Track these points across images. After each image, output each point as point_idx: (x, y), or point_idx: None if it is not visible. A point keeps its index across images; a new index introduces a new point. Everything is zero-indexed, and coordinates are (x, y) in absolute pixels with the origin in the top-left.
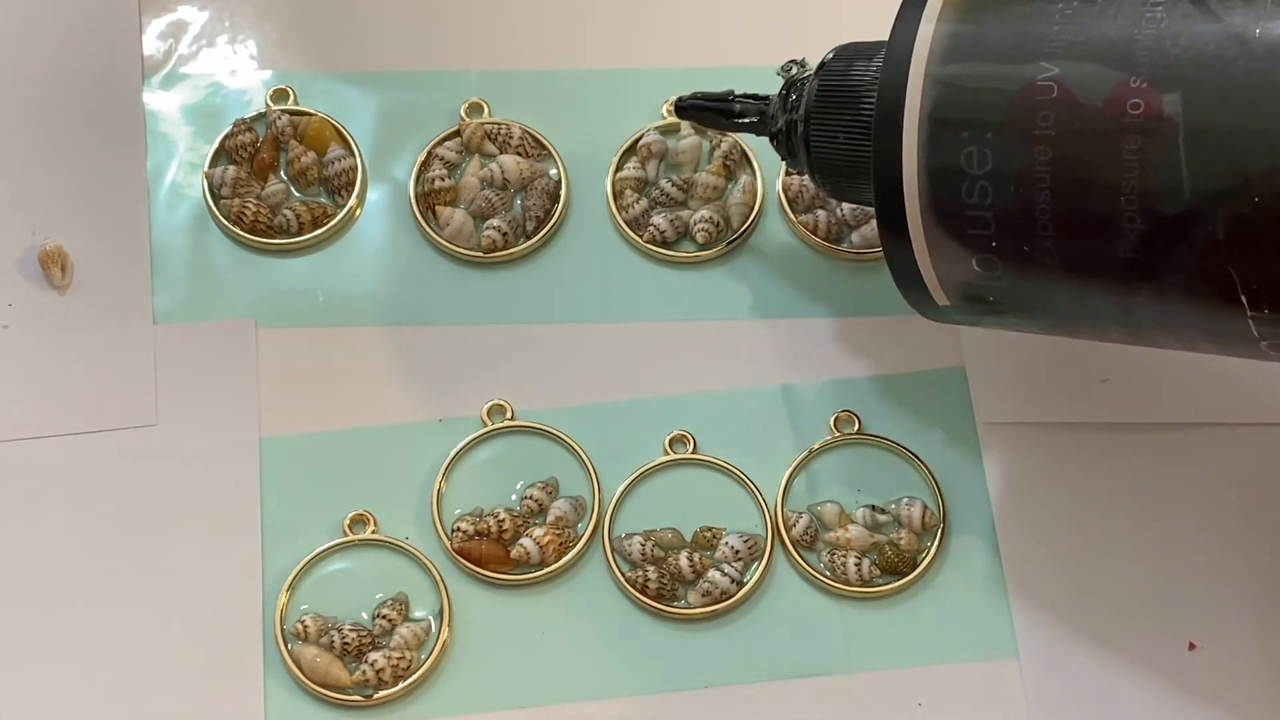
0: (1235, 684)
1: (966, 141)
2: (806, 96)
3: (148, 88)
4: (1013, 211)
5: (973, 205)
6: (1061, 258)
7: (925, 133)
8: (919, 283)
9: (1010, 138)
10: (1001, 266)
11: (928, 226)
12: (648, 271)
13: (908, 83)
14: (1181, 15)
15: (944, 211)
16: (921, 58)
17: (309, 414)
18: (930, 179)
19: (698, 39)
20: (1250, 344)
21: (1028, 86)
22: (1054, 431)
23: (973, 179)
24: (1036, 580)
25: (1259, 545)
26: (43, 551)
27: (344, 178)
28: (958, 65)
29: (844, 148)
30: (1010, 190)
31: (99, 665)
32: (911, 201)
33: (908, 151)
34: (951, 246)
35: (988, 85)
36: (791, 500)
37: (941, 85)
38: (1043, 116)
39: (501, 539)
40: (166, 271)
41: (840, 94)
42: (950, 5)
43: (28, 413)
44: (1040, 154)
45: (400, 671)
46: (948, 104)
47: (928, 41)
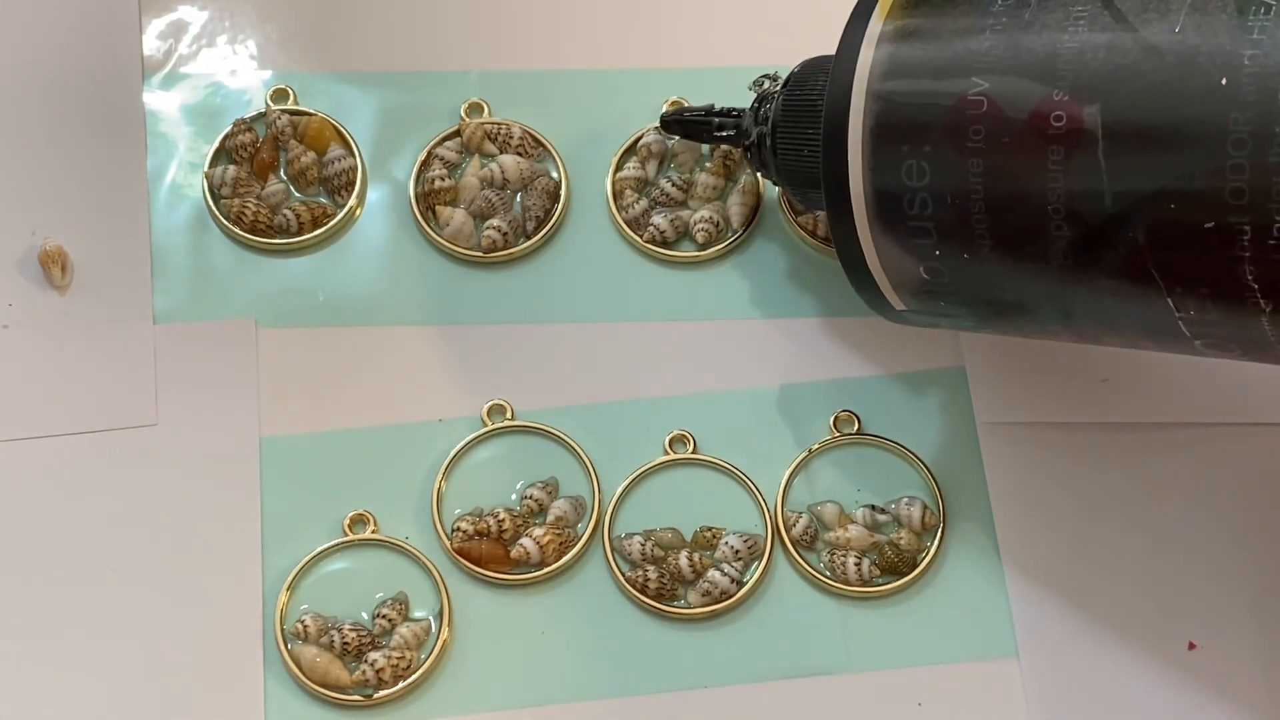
0: (1235, 684)
1: (906, 155)
2: (774, 110)
3: (148, 88)
4: (952, 222)
5: (915, 216)
6: (1000, 265)
7: (869, 148)
8: (875, 289)
9: (945, 151)
10: (946, 274)
11: (876, 236)
12: (648, 271)
13: (850, 99)
14: (1101, 28)
15: (889, 222)
16: (864, 75)
17: (309, 414)
18: (875, 192)
19: (698, 39)
20: (1185, 342)
21: (959, 100)
22: (1054, 431)
23: (914, 191)
24: (1036, 580)
25: (1259, 545)
26: (43, 551)
27: (344, 178)
28: (896, 81)
29: (807, 160)
30: (948, 201)
31: (99, 665)
32: (859, 213)
33: (853, 166)
34: (899, 255)
35: (924, 101)
36: (791, 500)
37: (882, 101)
38: (974, 130)
39: (501, 539)
40: (166, 271)
41: (801, 109)
42: (892, 22)
43: (28, 413)
44: (973, 166)
45: (400, 671)
46: (888, 119)
47: (869, 58)
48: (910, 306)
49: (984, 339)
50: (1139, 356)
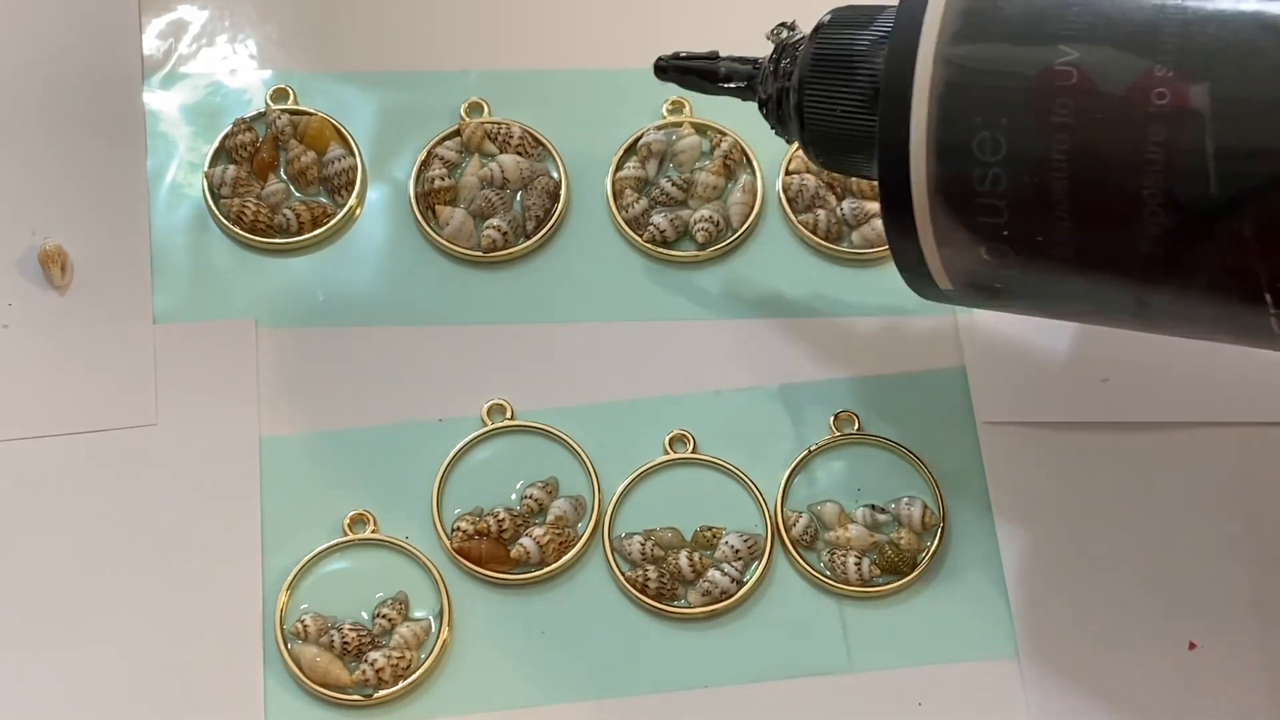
0: (1235, 684)
1: (979, 126)
2: (800, 63)
3: (148, 88)
4: (1027, 201)
5: (984, 193)
6: (1077, 250)
7: (935, 115)
8: (921, 266)
9: (1026, 125)
10: (1013, 255)
11: (935, 212)
12: (648, 271)
13: (916, 60)
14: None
15: (953, 198)
16: (932, 35)
17: (309, 414)
18: (939, 163)
19: (698, 39)
20: (1270, 339)
21: (1045, 71)
22: (1054, 431)
23: (985, 165)
24: (1036, 580)
25: (1259, 545)
26: (43, 551)
27: (344, 177)
28: (971, 45)
29: (841, 119)
30: (1025, 179)
31: (99, 665)
32: (919, 185)
33: (915, 134)
34: (960, 233)
35: (1003, 69)
36: (791, 500)
37: (953, 66)
38: (1061, 103)
39: (501, 539)
40: (166, 271)
41: (838, 62)
42: None
43: (28, 413)
44: (1058, 142)
45: (400, 671)
46: (960, 87)
47: (939, 17)
48: (958, 287)
49: (984, 339)
50: (1139, 356)
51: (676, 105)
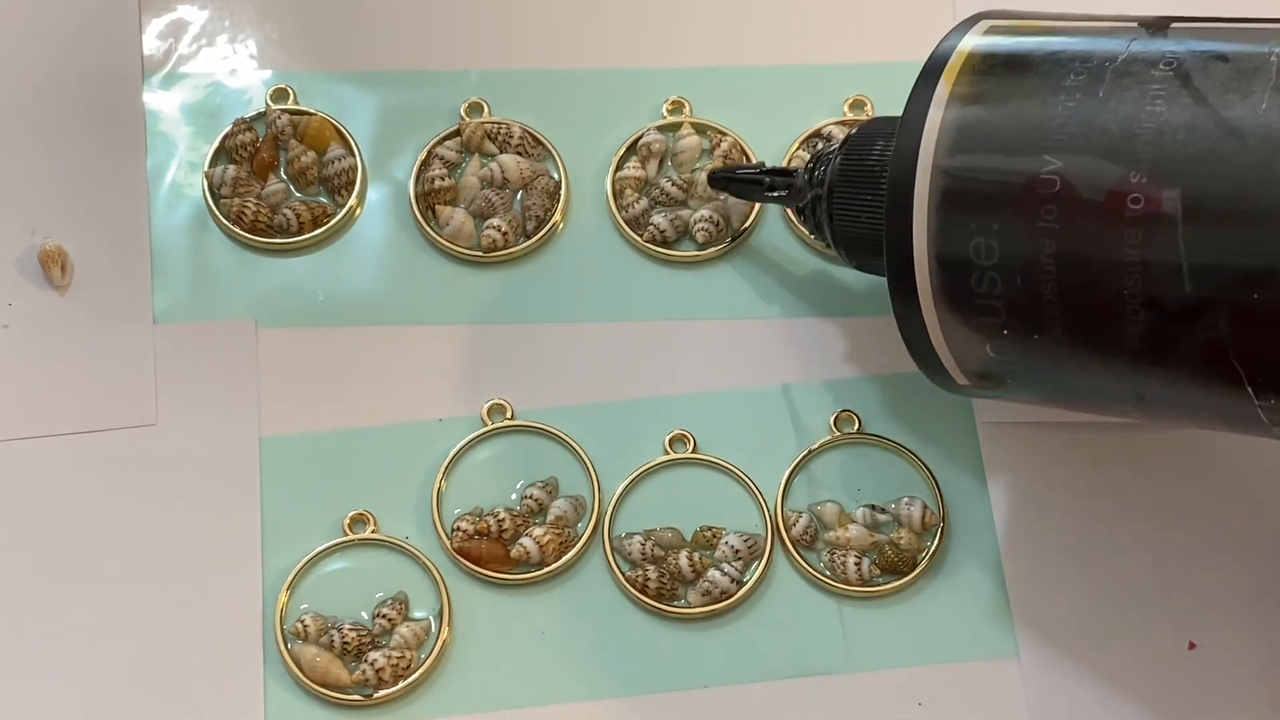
0: (1235, 684)
1: (974, 232)
2: (830, 172)
3: (148, 88)
4: (1021, 301)
5: (983, 294)
6: (1071, 346)
7: (935, 223)
8: (938, 364)
9: (1015, 230)
10: (1015, 353)
11: (940, 312)
12: (648, 271)
13: (916, 172)
14: (1181, 109)
15: (955, 299)
16: (930, 148)
17: (309, 414)
18: (941, 267)
19: (698, 38)
20: (1263, 429)
21: (1031, 179)
22: (1054, 431)
23: (981, 269)
24: (1036, 580)
25: (1259, 545)
26: (43, 551)
27: (344, 177)
28: (965, 157)
29: (865, 226)
30: (1018, 281)
31: (99, 665)
32: (924, 288)
33: (918, 240)
34: (965, 332)
35: (993, 178)
36: (791, 500)
37: (949, 176)
38: (1046, 210)
39: (501, 538)
40: (166, 271)
41: (861, 173)
42: (958, 93)
43: (28, 413)
44: (1045, 246)
45: (400, 671)
46: (955, 195)
47: (935, 130)
48: (973, 383)
49: None
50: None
51: (676, 105)
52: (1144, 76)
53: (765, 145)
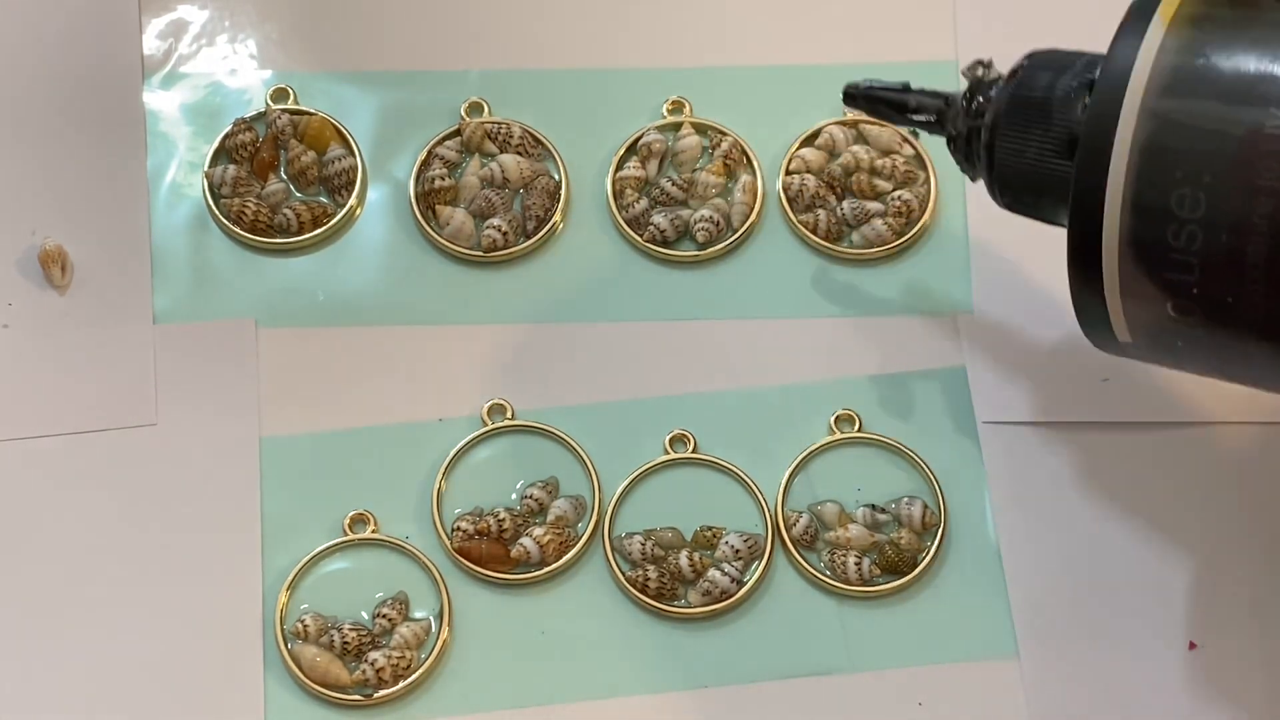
0: (1235, 684)
1: (1180, 183)
2: (995, 103)
3: (148, 88)
4: (1222, 261)
5: (1178, 249)
6: (1268, 314)
7: (1134, 168)
8: (1103, 317)
9: (1229, 185)
10: (1199, 315)
11: (1124, 264)
12: (648, 271)
13: (1120, 112)
14: None
15: (1145, 252)
16: (1139, 87)
17: (309, 414)
18: (1134, 217)
19: (698, 38)
20: None
21: (1253, 133)
22: (1054, 431)
23: (1181, 222)
24: (1036, 580)
25: (1259, 545)
26: (42, 551)
27: (344, 177)
28: (1178, 100)
29: (1032, 163)
30: (1222, 239)
31: (99, 665)
32: (1110, 237)
33: (1113, 184)
34: (1147, 288)
35: (1210, 127)
36: (791, 500)
37: (1159, 120)
38: (1267, 167)
39: (501, 538)
40: (166, 271)
41: (1034, 107)
42: (1175, 33)
43: (28, 413)
44: (1260, 206)
45: (400, 671)
46: (1164, 141)
47: (1147, 70)
48: (1139, 341)
49: (984, 338)
50: None
51: (676, 105)
52: None
53: (765, 145)
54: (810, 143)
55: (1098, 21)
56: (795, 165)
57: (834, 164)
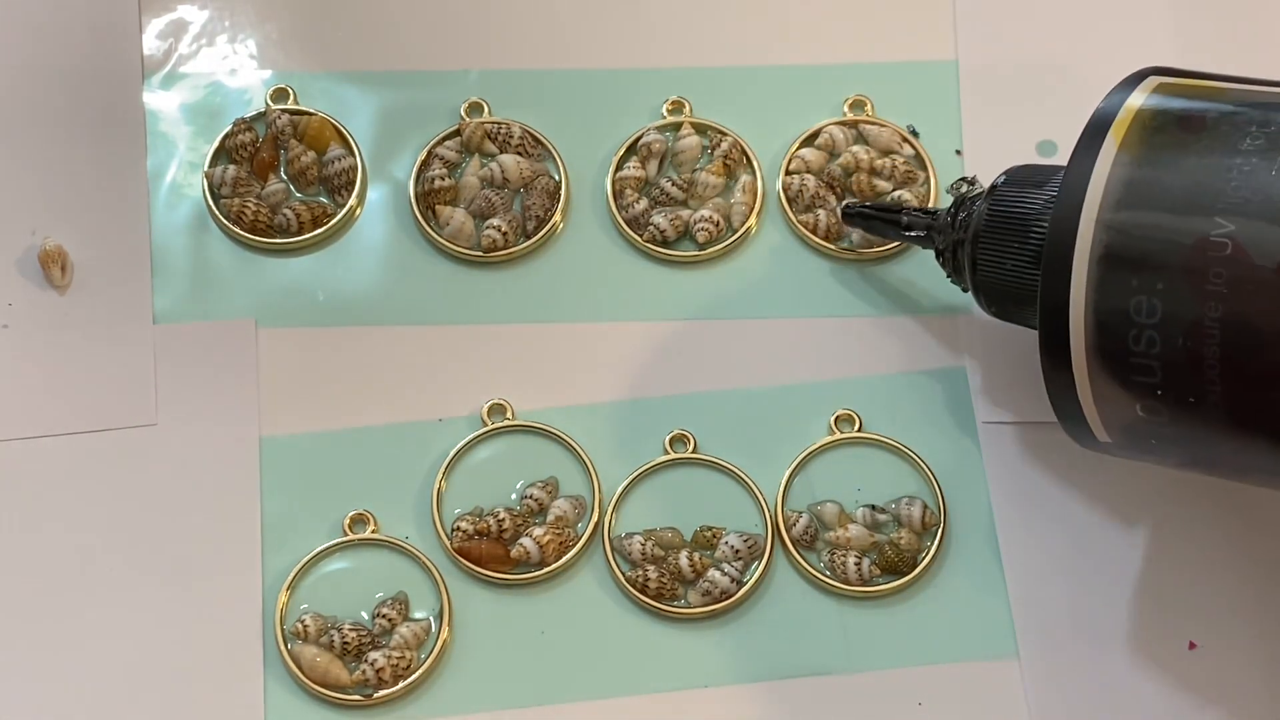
0: (1235, 684)
1: (1136, 290)
2: (975, 219)
3: (148, 88)
4: (1180, 363)
5: (1139, 353)
6: (1229, 412)
7: (1094, 277)
8: (1080, 419)
9: (1181, 291)
10: (1166, 414)
11: (1092, 368)
12: (648, 271)
13: (1079, 225)
14: None
15: (1109, 356)
16: (1095, 201)
17: (309, 414)
18: (1097, 323)
19: (699, 38)
20: None
21: (1201, 241)
22: (1054, 431)
23: (1140, 327)
24: (1036, 580)
25: (1259, 545)
26: (42, 551)
27: (344, 177)
28: (1131, 213)
29: (1011, 274)
30: (1179, 342)
31: (98, 665)
32: (1077, 342)
33: (1075, 293)
34: (1115, 389)
35: (1161, 236)
36: (791, 500)
37: (1114, 231)
38: (1215, 273)
39: (501, 538)
40: (166, 271)
41: (1010, 221)
42: (1126, 150)
43: (28, 413)
44: (1211, 309)
45: (400, 671)
46: (1119, 251)
47: (1102, 185)
48: (1116, 441)
49: (984, 339)
50: None
51: (676, 105)
52: None
53: (765, 145)
54: (810, 143)
55: (1096, 22)
56: (795, 165)
57: (834, 164)
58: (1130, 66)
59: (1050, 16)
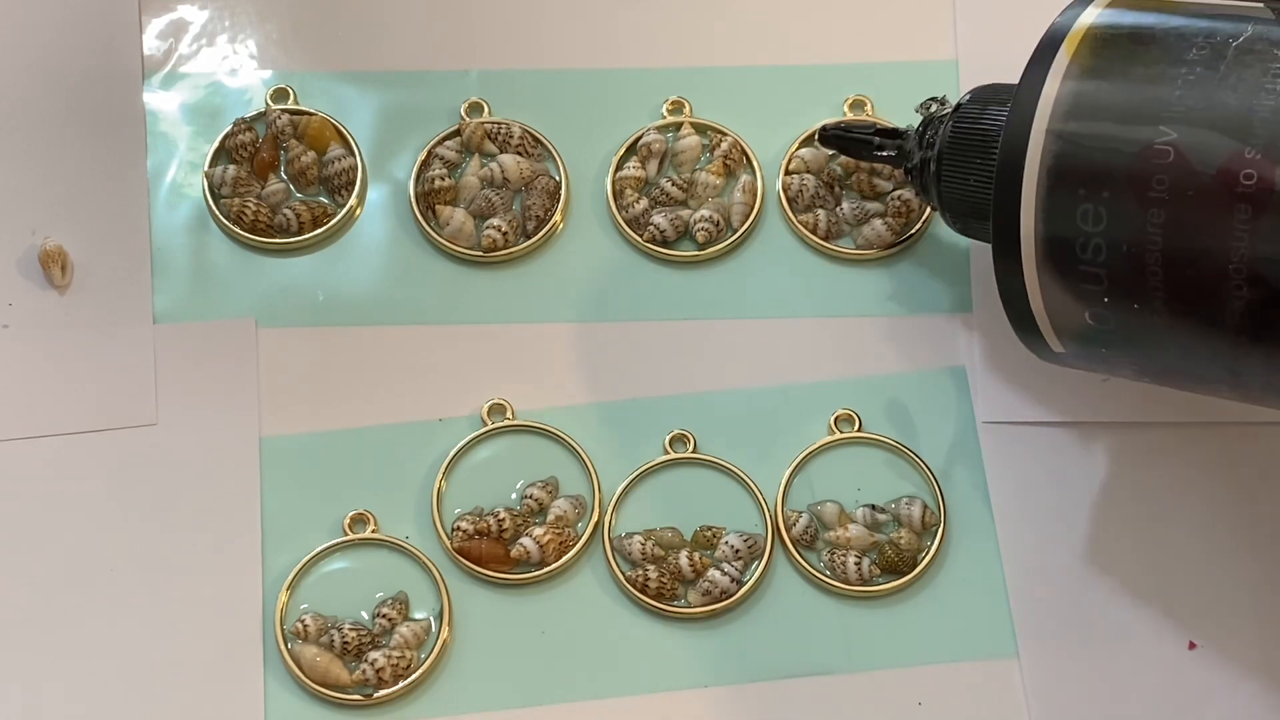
0: (1235, 684)
1: (1083, 199)
2: (941, 136)
3: (148, 88)
4: (1124, 270)
5: (1086, 261)
6: (1170, 319)
7: (1044, 187)
8: (1034, 328)
9: (1125, 199)
10: (1113, 321)
11: (1042, 276)
12: (648, 271)
13: (1029, 136)
14: None
15: (1058, 264)
16: (1045, 113)
17: (309, 414)
18: (1046, 232)
19: (699, 38)
20: None
21: (1145, 149)
22: (1054, 431)
23: (1087, 235)
24: (1036, 580)
25: (1259, 545)
26: (43, 551)
27: (344, 177)
28: (1079, 123)
29: (973, 190)
30: (1123, 250)
31: (99, 665)
32: (1028, 252)
33: (1026, 204)
34: (1065, 297)
35: (1106, 145)
36: (791, 500)
37: (1062, 141)
38: (1158, 180)
39: (501, 538)
40: (166, 271)
41: (972, 138)
42: (1077, 63)
43: (28, 413)
44: (1153, 217)
45: (400, 671)
46: (1067, 161)
47: (1052, 97)
48: (1069, 350)
49: (984, 338)
50: None
51: (676, 105)
52: (1267, 55)
53: (765, 145)
54: (810, 143)
55: None
56: (795, 165)
57: (833, 164)
58: None
59: (1050, 16)
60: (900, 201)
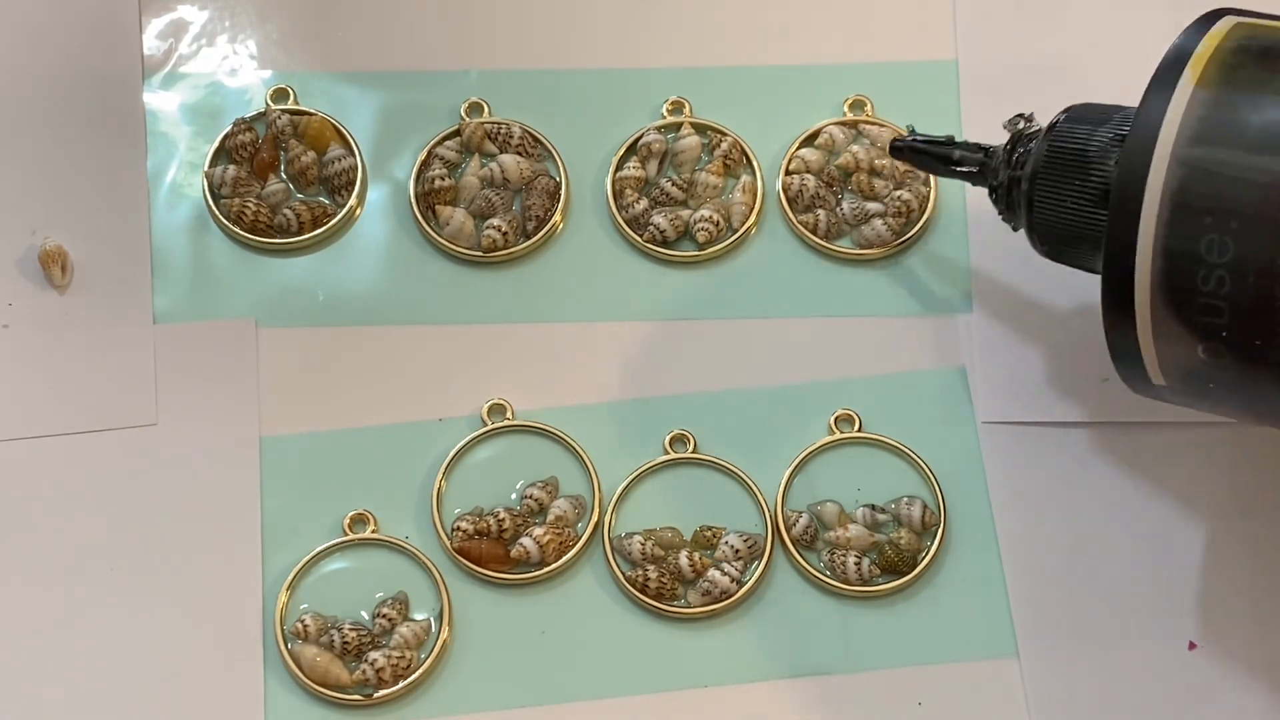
0: (1235, 684)
1: (1208, 228)
2: (1034, 156)
3: (148, 88)
4: (1249, 304)
5: (1207, 293)
6: None
7: (1165, 214)
8: (1137, 359)
9: (1256, 230)
10: (1229, 357)
11: (1155, 308)
12: (648, 271)
13: (1151, 161)
14: None
15: (1175, 295)
16: (1169, 137)
17: (309, 414)
18: (1165, 261)
19: (699, 38)
20: None
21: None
22: (1054, 431)
23: (1210, 266)
24: (1036, 580)
25: (1259, 545)
26: (43, 551)
27: (344, 177)
28: (1207, 149)
29: (1069, 213)
30: (1249, 282)
31: (99, 665)
32: (1142, 281)
33: (1144, 231)
34: (1178, 330)
35: (1238, 175)
36: (791, 500)
37: (1188, 168)
38: None
39: (501, 538)
40: (166, 271)
41: (1071, 159)
42: (1203, 88)
43: (28, 413)
44: None
45: (400, 671)
46: (1193, 188)
47: (1177, 121)
48: (1170, 384)
49: (984, 338)
50: None
51: (676, 105)
52: None
53: (765, 145)
54: (810, 143)
55: (1096, 22)
56: (795, 165)
57: (833, 164)
58: (1130, 66)
59: (1050, 16)
60: (900, 201)
